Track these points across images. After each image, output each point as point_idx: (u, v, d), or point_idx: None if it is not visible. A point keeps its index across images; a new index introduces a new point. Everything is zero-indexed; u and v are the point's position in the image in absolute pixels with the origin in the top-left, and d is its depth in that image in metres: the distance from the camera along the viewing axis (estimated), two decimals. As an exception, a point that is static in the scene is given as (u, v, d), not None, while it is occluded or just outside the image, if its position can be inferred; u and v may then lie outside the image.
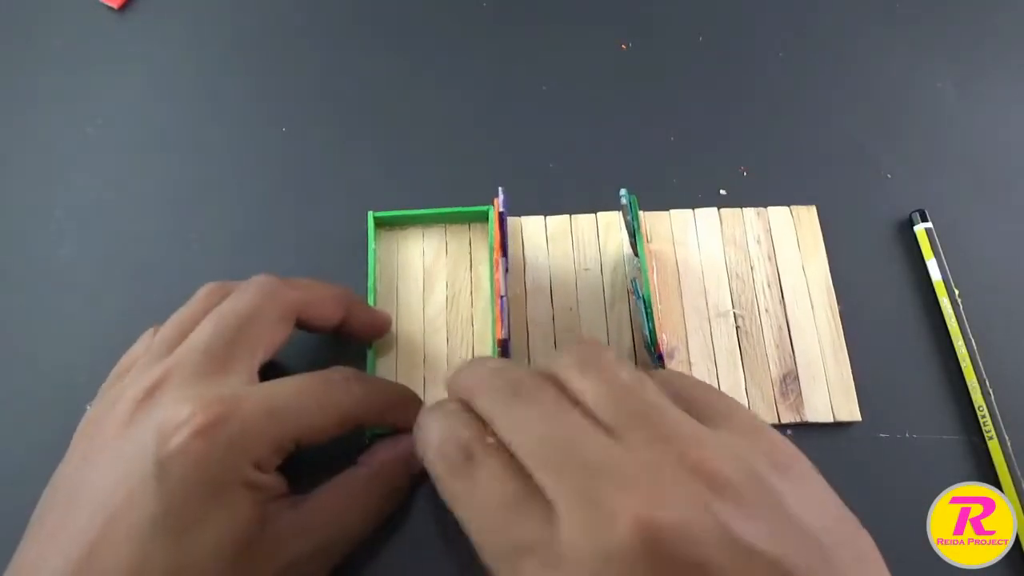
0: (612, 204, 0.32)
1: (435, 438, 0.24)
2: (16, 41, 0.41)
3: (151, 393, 0.25)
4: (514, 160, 0.38)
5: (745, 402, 0.33)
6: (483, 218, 0.36)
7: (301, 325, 0.30)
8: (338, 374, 0.28)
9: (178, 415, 0.24)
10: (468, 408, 0.25)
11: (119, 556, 0.23)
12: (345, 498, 0.28)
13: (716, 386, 0.33)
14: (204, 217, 0.37)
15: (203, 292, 0.29)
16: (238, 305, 0.28)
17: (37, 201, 0.37)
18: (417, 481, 0.30)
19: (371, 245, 0.34)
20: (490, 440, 0.23)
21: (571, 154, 0.38)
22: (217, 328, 0.27)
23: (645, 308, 0.30)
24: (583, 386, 0.23)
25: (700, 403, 0.24)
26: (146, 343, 0.29)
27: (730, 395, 0.30)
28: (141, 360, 0.28)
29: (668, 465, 0.21)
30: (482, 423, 0.24)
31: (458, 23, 0.42)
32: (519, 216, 0.36)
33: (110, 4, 0.42)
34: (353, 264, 0.35)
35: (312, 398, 0.27)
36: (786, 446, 0.23)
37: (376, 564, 0.30)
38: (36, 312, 0.35)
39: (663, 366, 0.32)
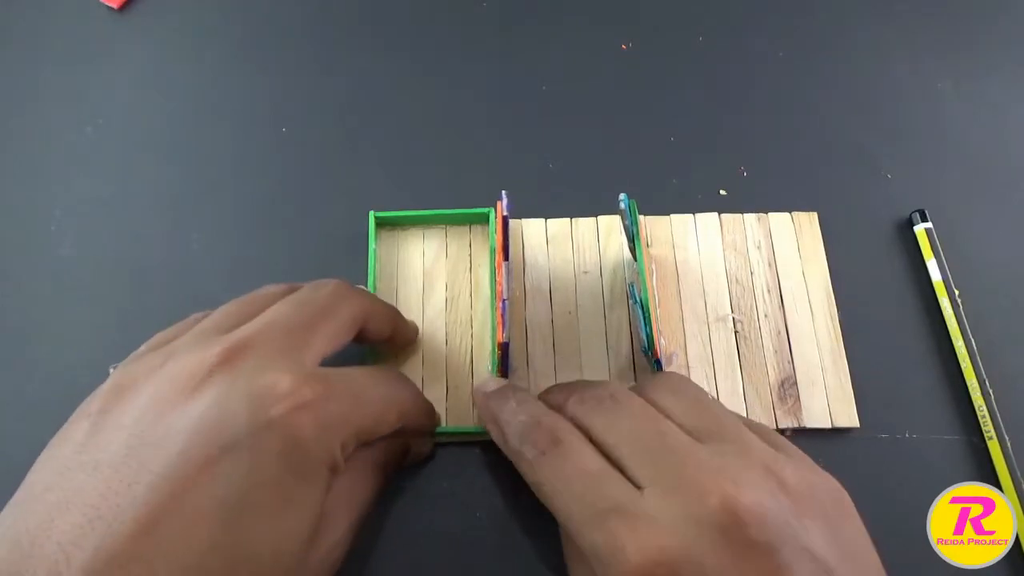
0: (613, 207, 0.32)
1: (519, 427, 0.26)
2: (16, 41, 0.41)
3: (231, 358, 0.23)
4: (514, 160, 0.38)
5: (743, 407, 0.33)
6: (484, 220, 0.36)
7: (357, 336, 0.29)
8: (394, 372, 0.28)
9: (279, 384, 0.22)
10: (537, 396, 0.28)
11: (193, 533, 0.20)
12: (362, 478, 0.27)
13: (714, 390, 0.33)
14: (204, 217, 0.37)
15: (265, 288, 0.28)
16: (317, 296, 0.27)
17: (37, 201, 0.37)
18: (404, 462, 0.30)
19: (372, 245, 0.34)
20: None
21: (571, 154, 0.38)
22: (297, 310, 0.26)
23: (643, 312, 0.29)
24: (671, 403, 0.26)
25: (767, 435, 0.26)
26: (190, 324, 0.27)
27: (727, 400, 0.33)
28: (192, 331, 0.26)
29: (748, 464, 0.24)
30: (555, 410, 0.27)
31: (458, 23, 0.42)
32: (519, 218, 0.36)
33: (110, 4, 0.42)
34: (353, 264, 0.35)
35: (385, 389, 0.26)
36: (839, 489, 0.25)
37: (376, 564, 0.30)
38: (36, 312, 0.35)
39: (661, 370, 0.32)
